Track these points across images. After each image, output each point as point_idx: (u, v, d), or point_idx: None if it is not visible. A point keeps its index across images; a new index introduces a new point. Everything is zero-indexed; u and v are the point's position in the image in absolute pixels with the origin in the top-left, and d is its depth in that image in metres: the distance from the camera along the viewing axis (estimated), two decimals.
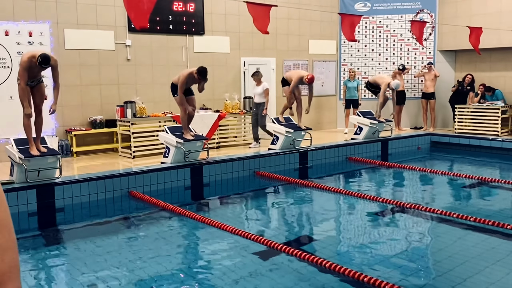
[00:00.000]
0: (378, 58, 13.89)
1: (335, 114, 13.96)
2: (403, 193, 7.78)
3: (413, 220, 6.06)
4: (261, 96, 10.45)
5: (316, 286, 4.08)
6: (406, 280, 4.13)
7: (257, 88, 10.55)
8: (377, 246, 5.16)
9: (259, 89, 10.50)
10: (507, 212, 6.47)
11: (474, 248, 4.99)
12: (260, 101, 10.49)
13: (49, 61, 6.20)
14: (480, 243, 5.13)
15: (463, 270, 4.36)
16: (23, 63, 6.18)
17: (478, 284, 4.08)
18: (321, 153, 9.44)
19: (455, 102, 12.66)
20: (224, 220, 5.71)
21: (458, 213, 5.86)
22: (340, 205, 6.98)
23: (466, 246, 5.08)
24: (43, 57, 6.15)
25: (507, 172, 9.46)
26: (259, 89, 10.49)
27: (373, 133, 10.47)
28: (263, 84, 10.50)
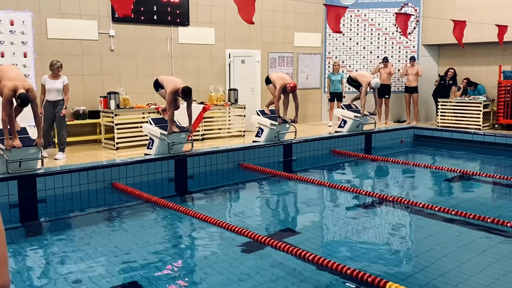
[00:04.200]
0: (363, 52, 13.94)
1: (319, 107, 14.00)
2: (386, 186, 7.84)
3: (395, 213, 6.12)
4: (60, 92, 8.30)
5: (300, 279, 4.10)
6: (388, 273, 4.18)
7: (55, 82, 8.28)
8: (360, 239, 5.21)
9: (58, 84, 8.29)
10: (487, 205, 6.57)
11: (454, 241, 5.06)
12: (58, 98, 8.27)
13: (28, 103, 6.29)
14: (460, 236, 5.20)
15: (444, 263, 4.42)
16: (6, 95, 6.23)
17: (458, 277, 4.14)
18: (305, 145, 9.47)
19: (438, 96, 12.79)
20: (208, 212, 5.70)
21: (439, 206, 5.93)
22: (324, 198, 7.02)
23: (447, 239, 5.15)
24: (22, 99, 6.22)
25: (488, 166, 9.60)
26: (59, 84, 8.31)
27: (357, 126, 10.53)
28: (63, 78, 8.41)
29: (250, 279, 4.07)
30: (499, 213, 5.90)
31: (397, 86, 13.68)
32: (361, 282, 3.91)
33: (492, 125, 12.18)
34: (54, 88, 8.13)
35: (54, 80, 8.28)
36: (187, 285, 4.02)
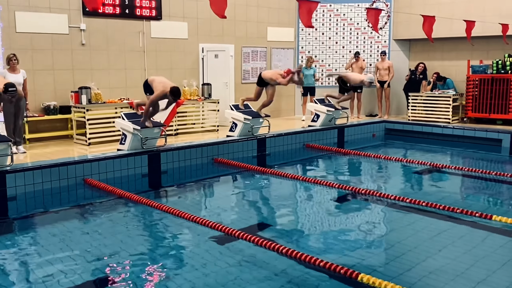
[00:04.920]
0: (335, 46, 14.06)
1: (293, 102, 14.08)
2: (358, 179, 7.95)
3: (368, 206, 6.22)
4: (21, 86, 8.25)
5: (274, 271, 4.14)
6: (361, 264, 4.25)
7: (16, 76, 8.33)
8: (333, 232, 5.28)
9: (19, 77, 8.34)
10: (456, 197, 6.74)
11: (425, 231, 5.18)
12: None
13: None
14: (431, 227, 5.33)
15: (415, 254, 4.53)
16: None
17: (429, 267, 4.24)
18: (279, 140, 9.52)
19: (409, 90, 13.01)
20: (182, 207, 5.69)
21: (410, 198, 6.06)
22: (297, 192, 7.08)
23: (418, 229, 5.27)
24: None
25: (457, 158, 9.82)
26: (19, 77, 8.36)
27: (329, 121, 10.63)
28: (23, 72, 8.49)
29: (224, 273, 4.10)
30: (468, 204, 6.06)
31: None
32: (334, 274, 3.97)
33: (461, 119, 12.46)
34: (16, 82, 7.98)
35: (15, 74, 8.20)
36: (161, 280, 4.02)
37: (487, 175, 7.77)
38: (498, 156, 9.69)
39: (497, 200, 6.72)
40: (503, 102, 11.70)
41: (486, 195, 6.96)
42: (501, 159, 9.49)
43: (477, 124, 11.75)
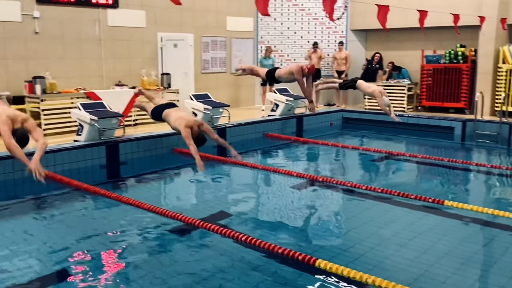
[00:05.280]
0: (294, 36, 14.17)
1: (252, 91, 14.12)
2: (317, 167, 8.10)
3: (326, 193, 6.36)
4: None
5: (233, 259, 4.21)
6: (319, 252, 4.36)
7: None
8: (292, 219, 5.38)
9: None
10: (411, 183, 6.97)
11: (381, 217, 5.36)
12: None
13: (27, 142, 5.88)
14: (387, 213, 5.51)
15: (371, 239, 4.68)
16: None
17: (385, 252, 4.40)
18: (239, 129, 9.55)
19: (365, 79, 13.23)
20: (142, 198, 5.66)
21: (367, 185, 6.24)
22: (257, 181, 7.16)
23: (375, 216, 5.44)
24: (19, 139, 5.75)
25: (411, 146, 10.12)
26: None
27: (288, 110, 10.74)
28: None
29: (184, 262, 4.13)
30: (422, 190, 6.29)
31: (327, 71, 14.03)
32: (292, 260, 4.06)
33: (416, 107, 12.83)
34: None
35: None
36: (120, 271, 4.01)
37: (440, 161, 8.06)
38: (450, 143, 10.05)
39: (449, 185, 6.99)
40: (455, 91, 12.11)
41: (439, 181, 7.23)
42: (453, 146, 9.84)
43: (431, 112, 12.13)
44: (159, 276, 3.87)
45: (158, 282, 3.79)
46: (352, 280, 3.72)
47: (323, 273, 3.86)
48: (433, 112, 12.17)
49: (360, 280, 3.69)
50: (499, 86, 11.33)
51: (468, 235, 4.92)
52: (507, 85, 11.16)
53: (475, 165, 7.96)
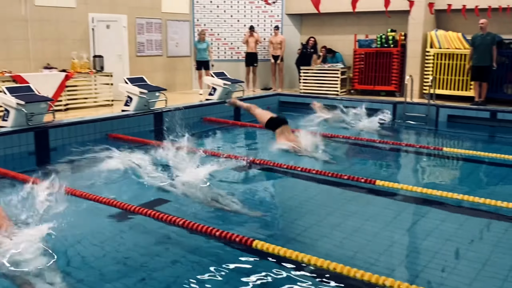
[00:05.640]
0: (230, 20, 14.10)
1: (190, 75, 13.95)
2: (254, 150, 8.16)
3: (263, 175, 6.43)
4: None
5: (173, 244, 4.19)
6: (257, 233, 4.41)
7: None
8: (230, 202, 5.38)
9: None
10: (344, 164, 7.17)
11: (317, 197, 5.50)
12: None
13: None
14: (322, 193, 5.66)
15: (306, 219, 4.80)
16: None
17: (319, 231, 4.53)
18: (177, 113, 9.43)
19: (301, 64, 13.46)
20: (74, 186, 5.49)
21: (302, 167, 6.36)
22: (194, 165, 7.08)
23: (310, 196, 5.57)
24: None
25: (344, 128, 10.34)
26: None
27: (226, 94, 10.72)
28: None
29: (124, 249, 4.06)
30: (354, 170, 6.50)
31: (264, 55, 14.09)
32: (230, 242, 4.10)
33: (349, 91, 13.18)
34: None
35: None
36: (58, 260, 3.88)
37: (372, 142, 8.35)
38: (381, 125, 10.34)
39: (380, 165, 7.27)
40: (386, 75, 12.53)
41: (371, 162, 7.50)
42: (384, 128, 10.13)
43: (363, 95, 12.49)
44: (98, 266, 3.79)
45: (92, 270, 3.71)
46: (288, 259, 3.81)
47: (260, 253, 3.93)
48: (365, 95, 12.54)
49: (296, 259, 3.78)
50: (427, 69, 11.83)
51: (399, 213, 5.15)
52: (434, 69, 11.68)
53: (404, 146, 8.32)
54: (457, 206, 5.22)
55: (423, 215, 5.09)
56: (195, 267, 3.78)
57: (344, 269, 3.56)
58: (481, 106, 10.47)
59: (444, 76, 11.56)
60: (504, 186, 6.23)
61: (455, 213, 5.08)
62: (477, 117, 10.22)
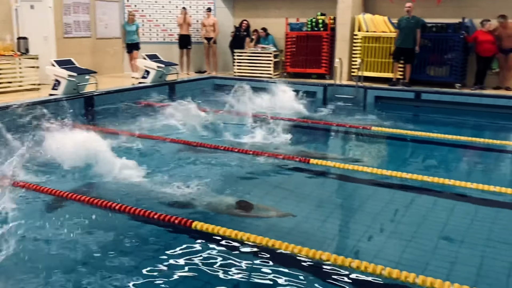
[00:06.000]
0: (162, 1, 13.86)
1: (121, 58, 13.62)
2: (191, 132, 8.09)
3: (194, 156, 6.44)
4: None
5: (108, 229, 4.16)
6: (193, 213, 4.48)
7: None
8: (167, 184, 5.37)
9: None
10: (278, 144, 7.31)
11: (253, 176, 5.61)
12: None
13: None
14: (257, 172, 5.77)
15: (245, 199, 4.91)
16: None
17: (256, 210, 4.66)
18: (108, 97, 9.25)
19: (234, 47, 13.50)
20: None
21: (235, 147, 6.47)
22: (125, 147, 6.95)
23: (245, 176, 5.67)
24: None
25: (278, 109, 10.51)
26: None
27: (160, 77, 10.60)
28: None
29: (56, 237, 4.00)
30: (289, 150, 6.67)
31: (197, 37, 13.99)
32: (169, 224, 4.15)
33: (281, 74, 13.38)
34: None
35: None
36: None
37: (304, 123, 8.60)
38: (314, 106, 10.61)
39: (312, 144, 7.49)
40: (316, 58, 12.81)
41: (304, 141, 7.68)
42: (316, 109, 10.41)
43: (295, 78, 12.74)
44: (34, 258, 3.71)
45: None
46: (229, 238, 3.92)
47: (200, 234, 4.01)
48: (297, 78, 12.80)
49: (235, 238, 3.90)
50: (355, 52, 12.24)
51: (333, 189, 5.40)
52: (362, 52, 12.10)
53: (335, 126, 8.63)
54: (386, 181, 5.54)
55: (354, 190, 5.37)
56: (133, 250, 3.79)
57: (283, 246, 3.75)
58: (406, 87, 11.03)
59: (371, 58, 12.00)
60: (428, 161, 6.68)
61: (384, 187, 5.40)
62: (403, 97, 10.76)
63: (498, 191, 5.11)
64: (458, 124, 8.95)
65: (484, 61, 10.65)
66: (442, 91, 10.49)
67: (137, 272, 3.45)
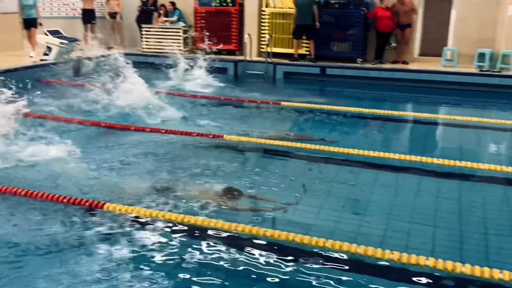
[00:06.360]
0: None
1: (18, 34, 12.74)
2: (101, 111, 7.83)
3: (105, 136, 6.34)
4: None
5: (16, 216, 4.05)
6: (106, 195, 4.45)
7: None
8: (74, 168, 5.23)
9: None
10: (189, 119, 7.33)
11: (164, 156, 5.62)
12: None
13: None
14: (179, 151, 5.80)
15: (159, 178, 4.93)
16: None
17: (175, 188, 4.70)
18: (6, 76, 8.68)
19: (141, 22, 13.17)
20: None
21: (165, 128, 6.45)
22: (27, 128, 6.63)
23: (157, 154, 5.67)
24: None
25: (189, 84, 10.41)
26: None
27: (63, 54, 10.14)
28: None
29: None
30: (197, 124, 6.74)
31: (101, 12, 13.47)
32: (83, 207, 4.11)
33: (191, 50, 13.24)
34: None
35: None
36: None
37: (216, 99, 8.70)
38: (225, 82, 10.62)
39: (225, 121, 7.53)
40: (226, 34, 12.82)
41: (218, 118, 7.69)
42: (228, 86, 10.46)
43: (206, 54, 12.67)
44: None
45: None
46: (143, 217, 3.96)
47: (113, 215, 4.01)
48: (206, 54, 12.71)
49: (150, 216, 3.96)
50: (264, 28, 12.40)
51: (250, 163, 5.55)
52: (270, 28, 12.27)
53: (247, 102, 8.80)
54: (297, 154, 5.82)
55: (268, 162, 5.56)
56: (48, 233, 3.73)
57: (192, 219, 3.91)
58: (312, 62, 11.43)
59: (279, 35, 12.22)
60: (336, 131, 7.04)
61: (295, 159, 5.67)
62: (309, 73, 11.15)
63: (398, 158, 5.56)
64: (360, 97, 9.46)
65: (383, 37, 11.26)
66: (345, 66, 10.99)
67: None
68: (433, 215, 4.23)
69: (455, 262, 3.30)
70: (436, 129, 7.69)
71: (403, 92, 10.01)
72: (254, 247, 3.57)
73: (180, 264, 3.37)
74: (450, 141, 7.02)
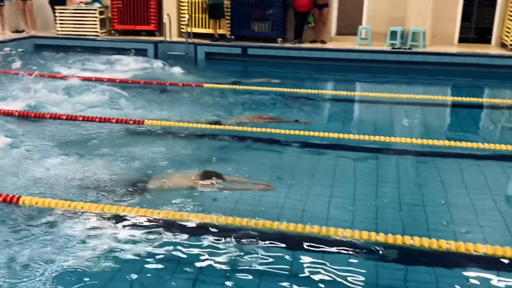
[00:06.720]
0: None
1: None
2: (15, 98, 7.44)
3: (32, 125, 6.08)
4: None
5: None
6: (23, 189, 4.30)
7: None
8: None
9: None
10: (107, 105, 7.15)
11: (144, 146, 5.47)
12: None
13: None
14: (138, 139, 5.69)
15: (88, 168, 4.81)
16: None
17: (100, 178, 4.61)
18: None
19: (54, 3, 12.52)
20: None
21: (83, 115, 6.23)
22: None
23: (130, 143, 5.55)
24: None
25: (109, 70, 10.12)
26: None
27: None
28: None
29: None
30: (124, 113, 6.60)
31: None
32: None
33: (109, 31, 12.79)
34: None
35: None
36: None
37: (136, 83, 8.55)
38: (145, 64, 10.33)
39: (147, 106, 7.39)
40: (144, 14, 12.42)
41: (140, 102, 7.51)
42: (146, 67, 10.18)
43: (125, 36, 12.32)
44: None
45: None
46: (68, 210, 3.88)
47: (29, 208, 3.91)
48: (126, 35, 12.38)
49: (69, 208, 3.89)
50: (183, 8, 12.18)
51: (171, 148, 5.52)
52: (189, 7, 12.07)
53: (169, 84, 8.68)
54: (226, 134, 5.89)
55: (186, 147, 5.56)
56: None
57: (140, 211, 3.86)
58: (228, 42, 11.42)
59: (199, 14, 12.08)
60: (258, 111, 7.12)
61: (224, 141, 5.75)
62: (231, 53, 11.17)
63: (317, 135, 5.79)
64: (282, 77, 9.61)
65: (301, 16, 11.46)
66: (265, 46, 11.11)
67: None
68: (352, 188, 4.48)
69: (370, 232, 3.54)
70: (352, 106, 8.04)
71: (322, 71, 10.32)
72: None
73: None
74: (365, 117, 7.38)
